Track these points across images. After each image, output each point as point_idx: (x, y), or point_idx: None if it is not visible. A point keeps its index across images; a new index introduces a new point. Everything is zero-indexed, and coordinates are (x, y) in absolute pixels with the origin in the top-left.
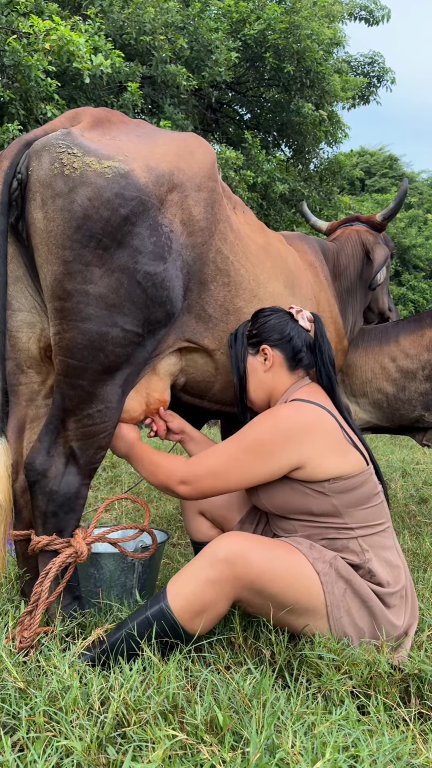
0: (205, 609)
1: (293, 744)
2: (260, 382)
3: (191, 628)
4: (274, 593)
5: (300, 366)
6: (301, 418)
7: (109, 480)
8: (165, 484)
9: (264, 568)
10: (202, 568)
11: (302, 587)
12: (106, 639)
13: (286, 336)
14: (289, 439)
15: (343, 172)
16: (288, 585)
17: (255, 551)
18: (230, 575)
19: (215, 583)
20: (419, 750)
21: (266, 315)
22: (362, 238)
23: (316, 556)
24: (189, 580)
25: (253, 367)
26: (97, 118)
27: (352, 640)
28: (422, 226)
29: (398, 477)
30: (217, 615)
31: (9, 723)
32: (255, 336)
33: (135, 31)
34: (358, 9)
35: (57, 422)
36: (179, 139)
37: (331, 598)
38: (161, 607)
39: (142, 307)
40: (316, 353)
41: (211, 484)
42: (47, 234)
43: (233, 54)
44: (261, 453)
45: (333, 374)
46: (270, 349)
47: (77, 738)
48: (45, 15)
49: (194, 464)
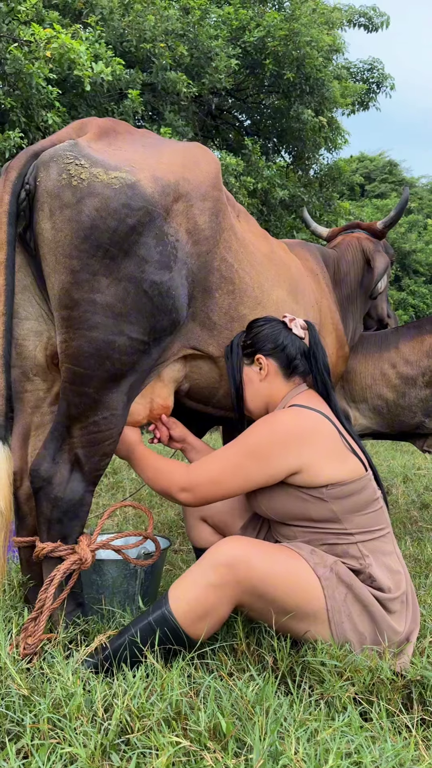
0: (207, 613)
1: (296, 751)
2: (257, 392)
3: (194, 633)
4: (275, 597)
5: (296, 373)
6: (300, 423)
7: (110, 486)
8: (166, 490)
9: (265, 572)
10: (204, 572)
11: (303, 591)
12: (109, 645)
13: (280, 345)
14: (287, 443)
15: (343, 177)
16: (289, 589)
17: (256, 555)
18: (232, 579)
19: (217, 588)
20: (422, 756)
21: (260, 325)
22: (363, 246)
23: (317, 561)
24: (191, 585)
25: (249, 377)
26: (103, 129)
27: (354, 645)
28: (422, 231)
29: (399, 482)
30: (219, 619)
31: (13, 730)
32: (249, 346)
33: (135, 39)
34: (357, 16)
35: (62, 429)
36: (184, 150)
37: (332, 602)
38: (163, 613)
39: (148, 316)
40: (311, 360)
41: (211, 490)
42: (55, 244)
43: (233, 61)
44: (260, 458)
45: (328, 380)
46: (264, 359)
47: (81, 745)
48: (46, 23)
49: (194, 471)
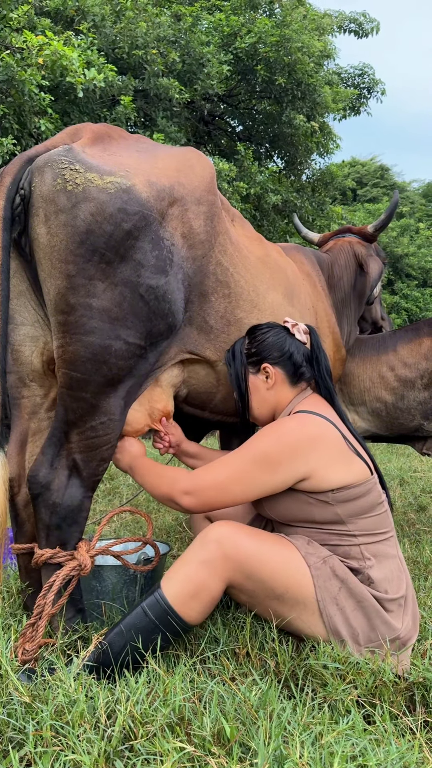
0: (198, 591)
1: (301, 754)
2: (263, 400)
3: (186, 613)
4: (263, 577)
5: (302, 379)
6: (307, 431)
7: (107, 492)
8: (168, 495)
9: (252, 549)
10: (194, 551)
11: (291, 575)
12: (105, 637)
13: (286, 352)
14: (295, 451)
15: (335, 182)
16: (277, 569)
17: (244, 534)
18: (221, 554)
19: (206, 563)
20: (426, 759)
21: (263, 332)
22: (355, 250)
23: (310, 551)
24: (181, 565)
25: (255, 385)
26: (97, 134)
27: (347, 640)
28: (414, 235)
29: (396, 485)
30: (211, 598)
31: (16, 738)
32: (255, 354)
33: (127, 46)
34: (347, 22)
35: (60, 435)
36: (179, 154)
37: (322, 593)
38: (155, 596)
39: (145, 320)
40: (314, 364)
41: (215, 496)
42: (50, 249)
43: (225, 67)
44: (267, 466)
45: (331, 384)
46: (272, 368)
47: (85, 752)
48: (38, 30)
49: (199, 476)
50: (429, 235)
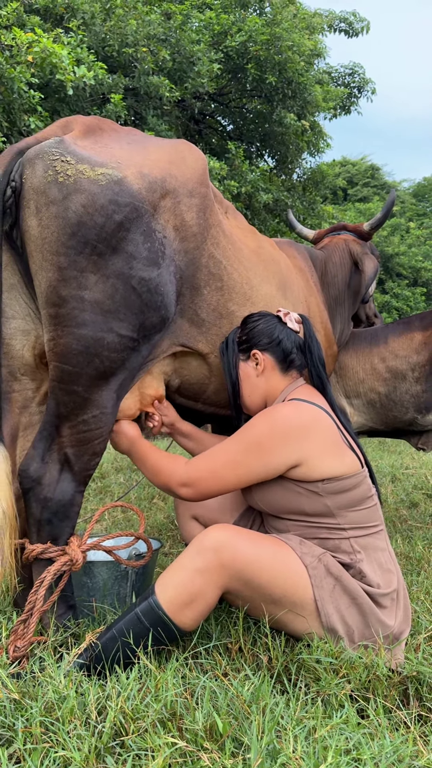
0: (194, 599)
1: (294, 749)
2: (254, 387)
3: (180, 620)
4: (261, 584)
5: (292, 367)
6: (300, 417)
7: (99, 491)
8: (166, 485)
9: (251, 557)
10: (190, 557)
11: (289, 579)
12: (98, 641)
13: (276, 339)
14: (287, 437)
15: (325, 181)
16: (275, 575)
17: (242, 540)
18: (218, 564)
19: (203, 572)
20: (420, 752)
21: (255, 320)
22: (350, 248)
23: (306, 551)
24: (176, 571)
25: (246, 372)
26: (88, 127)
27: (342, 638)
28: (405, 235)
29: (388, 482)
30: (207, 605)
31: (5, 735)
32: (245, 342)
33: (117, 44)
34: (337, 21)
35: (51, 429)
36: (171, 146)
37: (319, 592)
38: (149, 602)
39: (137, 312)
40: (306, 353)
41: (211, 484)
42: (42, 241)
43: (215, 65)
44: (260, 452)
45: (324, 374)
46: (261, 354)
47: (75, 748)
48: (27, 27)
49: (194, 466)
50: (419, 235)
